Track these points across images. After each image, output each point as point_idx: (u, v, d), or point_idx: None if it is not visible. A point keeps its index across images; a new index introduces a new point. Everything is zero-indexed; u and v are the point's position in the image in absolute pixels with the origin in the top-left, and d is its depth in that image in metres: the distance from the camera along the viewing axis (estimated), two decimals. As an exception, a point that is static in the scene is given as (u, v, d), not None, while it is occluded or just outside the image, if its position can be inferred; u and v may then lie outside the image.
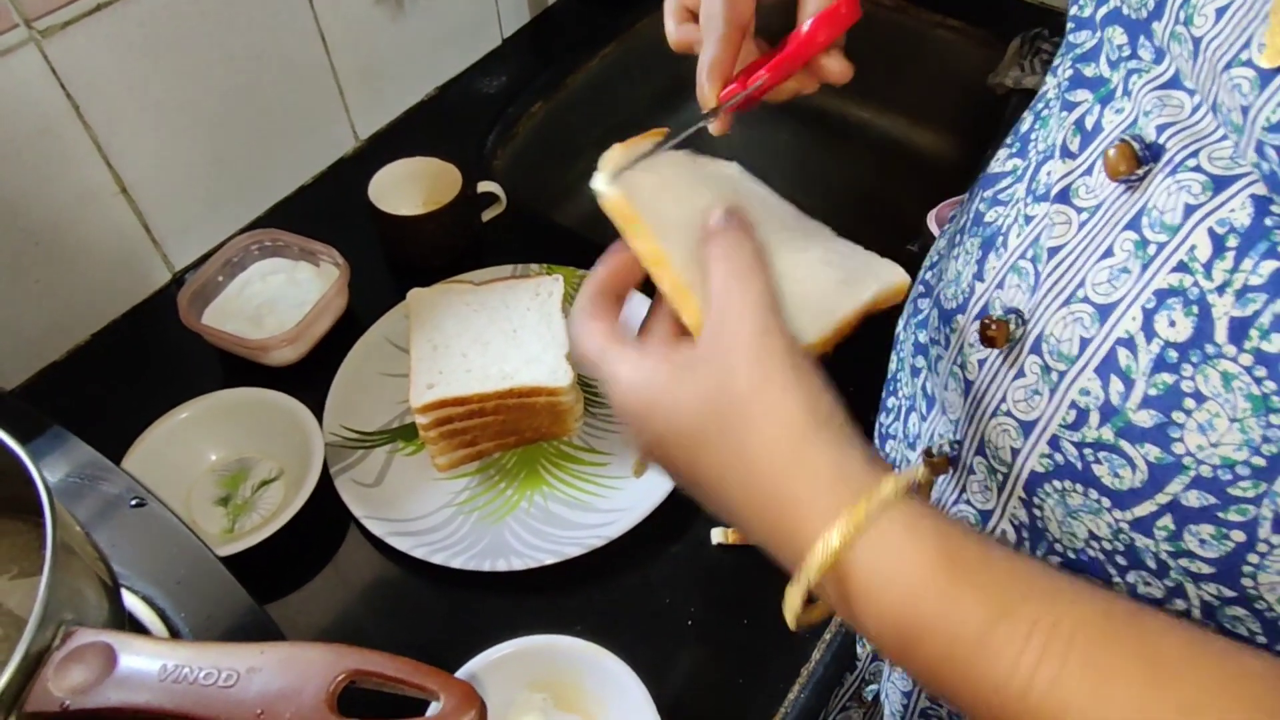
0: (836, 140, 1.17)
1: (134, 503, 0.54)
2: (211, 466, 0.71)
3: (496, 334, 0.72)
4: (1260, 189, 0.31)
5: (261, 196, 0.90)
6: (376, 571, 0.67)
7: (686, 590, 0.66)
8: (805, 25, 0.47)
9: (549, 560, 0.65)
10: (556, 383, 0.68)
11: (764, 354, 0.35)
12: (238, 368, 0.77)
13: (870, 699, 0.69)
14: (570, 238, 0.89)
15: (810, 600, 0.35)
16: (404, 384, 0.73)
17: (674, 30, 0.52)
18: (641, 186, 0.41)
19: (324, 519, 0.68)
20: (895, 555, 0.32)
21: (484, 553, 0.66)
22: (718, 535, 0.68)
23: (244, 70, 0.82)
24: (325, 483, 0.68)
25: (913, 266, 0.55)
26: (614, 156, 0.42)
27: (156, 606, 0.50)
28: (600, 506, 0.69)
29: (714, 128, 0.49)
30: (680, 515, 0.68)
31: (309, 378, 0.76)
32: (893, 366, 0.57)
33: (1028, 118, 0.46)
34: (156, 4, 0.73)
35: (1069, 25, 0.44)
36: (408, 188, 0.84)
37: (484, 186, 0.86)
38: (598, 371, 0.39)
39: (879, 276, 0.43)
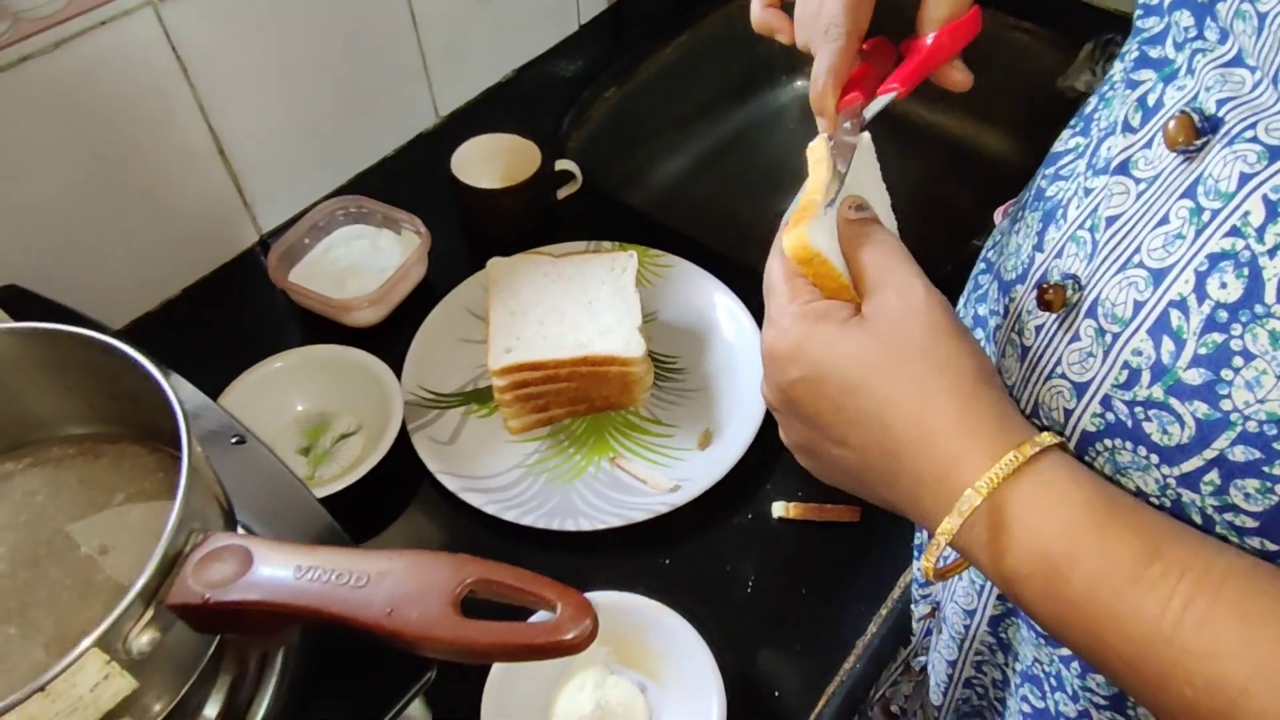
0: (905, 139, 1.18)
1: (234, 440, 0.57)
2: (296, 417, 0.74)
3: (572, 304, 0.74)
4: None
5: (347, 165, 0.94)
6: (448, 525, 0.70)
7: (747, 560, 0.68)
8: (930, 37, 0.48)
9: (615, 523, 0.67)
10: (629, 354, 0.71)
11: (935, 316, 0.38)
12: (318, 328, 0.80)
13: (919, 669, 0.70)
14: (642, 219, 0.92)
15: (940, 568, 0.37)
16: (479, 350, 0.76)
17: (759, 13, 0.53)
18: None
19: (399, 474, 0.71)
20: (1057, 492, 0.35)
21: (552, 513, 0.68)
22: (779, 509, 0.69)
23: (338, 44, 0.86)
24: (401, 439, 0.71)
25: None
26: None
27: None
28: (665, 476, 0.71)
29: (823, 127, 0.50)
30: (743, 488, 0.70)
31: (388, 340, 0.79)
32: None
33: (1093, 100, 0.48)
34: (263, -25, 0.77)
35: (1137, 13, 0.45)
36: (488, 162, 0.87)
37: (561, 165, 0.89)
38: (768, 302, 0.42)
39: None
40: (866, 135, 0.47)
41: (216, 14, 0.76)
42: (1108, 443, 0.41)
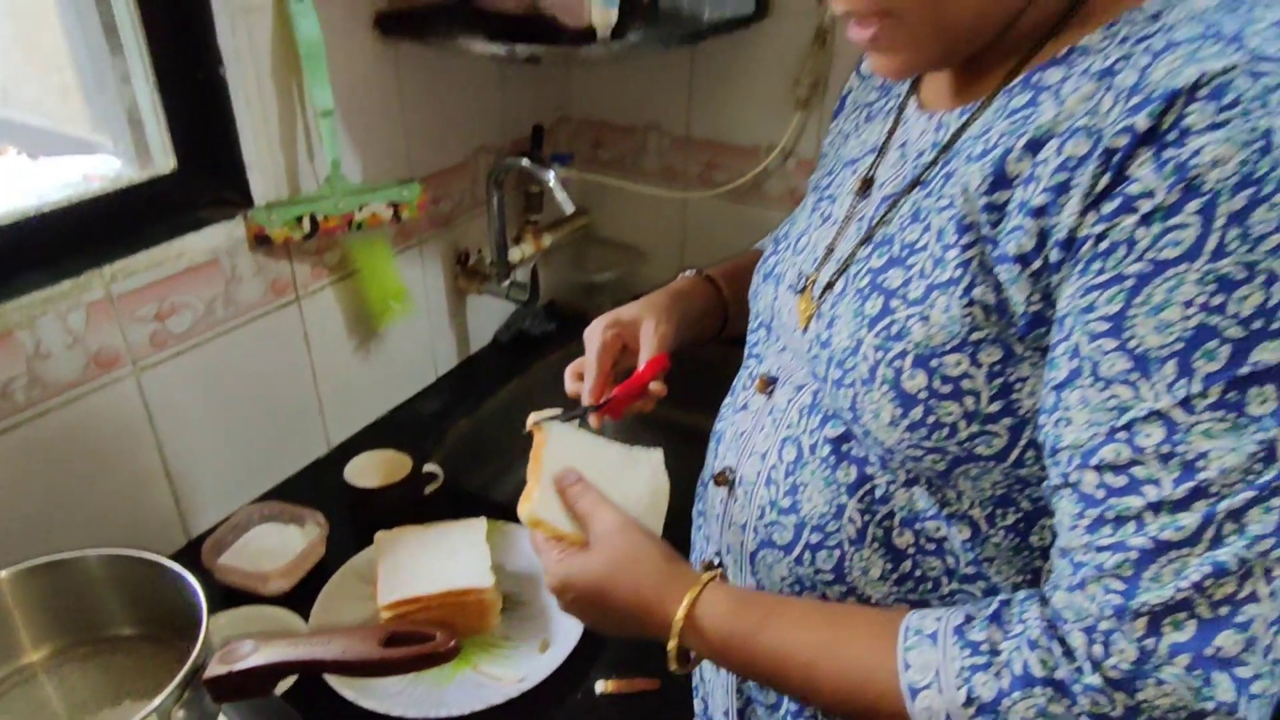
0: (679, 439, 1.58)
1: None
2: (225, 661, 0.95)
3: (439, 557, 1.02)
4: (814, 386, 0.70)
5: (262, 481, 1.22)
6: (348, 732, 0.91)
7: (579, 724, 0.91)
8: (641, 366, 0.85)
9: (478, 708, 0.90)
10: (483, 584, 0.98)
11: (628, 539, 0.69)
12: (242, 601, 1.03)
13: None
14: (490, 504, 1.22)
15: (681, 662, 0.66)
16: (368, 604, 1.01)
17: (570, 385, 0.89)
18: (555, 444, 0.77)
19: (307, 696, 0.92)
20: (711, 608, 0.64)
21: (429, 706, 0.91)
22: (600, 686, 0.95)
23: (260, 396, 1.19)
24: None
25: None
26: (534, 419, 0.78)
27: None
28: (514, 673, 0.95)
29: (593, 422, 0.86)
30: (573, 674, 0.96)
31: (297, 602, 1.02)
32: (692, 535, 0.91)
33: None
34: (213, 350, 1.11)
35: (748, 334, 0.85)
36: (372, 469, 1.18)
37: (428, 468, 1.21)
38: (539, 558, 0.72)
39: (652, 463, 0.80)
40: (659, 453, 0.82)
41: (178, 377, 1.08)
42: (761, 553, 0.73)
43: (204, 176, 1.09)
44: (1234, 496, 0.43)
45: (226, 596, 1.05)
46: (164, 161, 1.07)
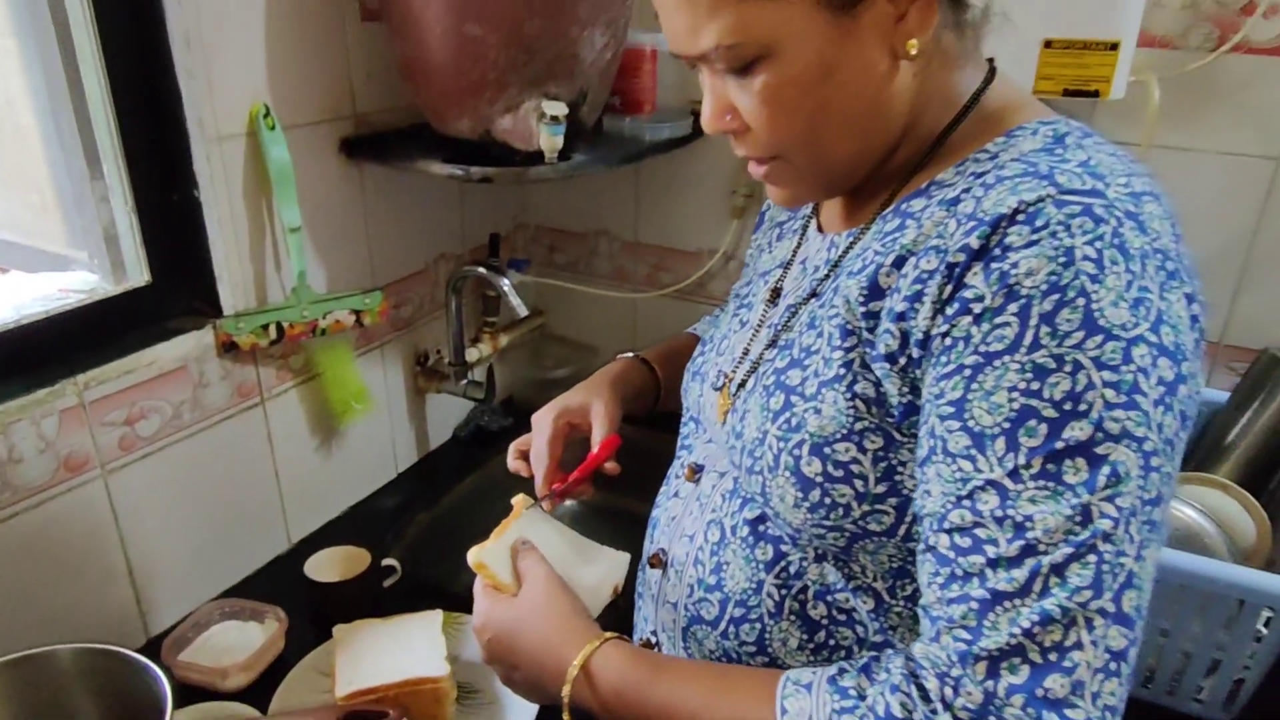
0: (623, 523, 1.63)
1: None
2: (184, 756, 0.97)
3: (396, 647, 1.06)
4: (734, 473, 0.77)
5: (223, 579, 1.25)
6: (303, 825, 0.93)
7: (530, 808, 0.94)
8: (596, 447, 0.93)
9: (432, 795, 0.93)
10: (438, 673, 1.02)
11: (549, 593, 0.76)
12: (201, 699, 1.06)
13: None
14: (447, 596, 1.26)
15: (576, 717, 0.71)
16: (325, 698, 1.04)
17: (512, 463, 0.98)
18: (525, 520, 0.83)
19: (264, 792, 0.94)
20: (606, 662, 0.70)
21: (385, 797, 0.93)
22: (551, 770, 0.98)
23: (223, 494, 1.23)
24: (267, 764, 0.96)
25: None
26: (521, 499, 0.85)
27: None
28: (468, 761, 0.99)
29: (546, 507, 0.92)
30: (524, 760, 0.99)
31: (256, 698, 1.05)
32: (634, 616, 0.96)
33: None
34: (179, 452, 1.16)
35: (681, 424, 0.93)
36: (332, 563, 1.22)
37: (386, 562, 1.25)
38: (475, 604, 0.78)
39: (613, 560, 0.86)
40: (625, 557, 0.88)
41: (143, 480, 1.12)
42: (692, 628, 0.79)
43: (176, 289, 1.16)
44: (1056, 553, 0.51)
45: (186, 694, 1.07)
46: (138, 275, 1.14)
